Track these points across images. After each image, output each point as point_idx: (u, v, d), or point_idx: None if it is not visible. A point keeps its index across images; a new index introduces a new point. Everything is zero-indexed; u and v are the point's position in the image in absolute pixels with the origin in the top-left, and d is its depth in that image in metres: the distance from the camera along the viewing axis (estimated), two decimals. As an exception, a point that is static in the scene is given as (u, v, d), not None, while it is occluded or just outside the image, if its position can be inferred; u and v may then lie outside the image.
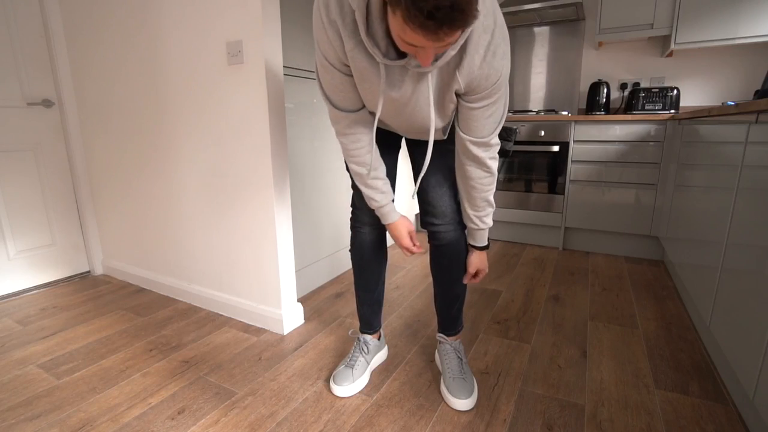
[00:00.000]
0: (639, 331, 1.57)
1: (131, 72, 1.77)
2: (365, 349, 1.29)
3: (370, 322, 1.31)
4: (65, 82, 2.03)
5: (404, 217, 1.15)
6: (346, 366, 1.25)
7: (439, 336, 1.29)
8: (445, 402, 1.17)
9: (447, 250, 1.19)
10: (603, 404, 1.16)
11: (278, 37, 1.41)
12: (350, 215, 1.25)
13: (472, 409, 1.14)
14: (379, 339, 1.35)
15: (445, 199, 1.15)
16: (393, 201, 1.12)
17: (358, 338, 1.31)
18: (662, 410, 1.13)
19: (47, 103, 1.99)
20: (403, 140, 1.24)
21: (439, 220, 1.16)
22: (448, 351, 1.25)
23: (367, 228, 1.21)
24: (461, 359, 1.24)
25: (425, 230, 1.21)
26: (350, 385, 1.21)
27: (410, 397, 1.20)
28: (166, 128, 1.72)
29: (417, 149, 1.16)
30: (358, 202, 1.19)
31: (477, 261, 1.18)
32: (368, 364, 1.28)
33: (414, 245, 1.15)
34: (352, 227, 1.24)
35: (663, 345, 1.46)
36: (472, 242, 1.17)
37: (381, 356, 1.37)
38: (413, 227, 1.16)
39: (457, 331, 1.29)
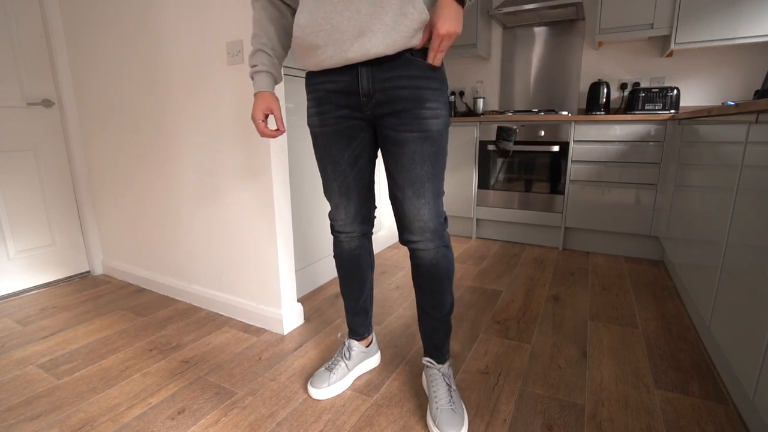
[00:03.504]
0: (639, 331, 1.57)
1: (131, 72, 1.77)
2: (347, 355, 1.25)
3: (355, 329, 1.28)
4: (65, 82, 2.03)
5: (271, 93, 1.03)
6: (325, 369, 1.23)
7: (425, 360, 1.16)
8: None
9: (427, 272, 1.05)
10: (603, 404, 1.16)
11: (278, 37, 1.41)
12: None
13: None
14: (368, 346, 1.31)
15: (423, 213, 0.99)
16: (270, 74, 1.03)
17: (344, 342, 1.29)
18: (662, 410, 1.13)
19: (47, 103, 1.99)
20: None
21: (417, 237, 1.02)
22: (435, 377, 1.12)
23: (343, 236, 1.15)
24: (450, 386, 1.11)
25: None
26: (326, 388, 1.18)
27: (410, 397, 1.20)
28: (166, 128, 1.72)
29: (389, 149, 1.00)
30: (333, 211, 1.14)
31: (443, 11, 0.85)
32: (349, 370, 1.24)
33: (268, 127, 1.03)
34: (332, 233, 1.18)
35: (663, 345, 1.46)
36: None
37: (370, 363, 1.32)
38: (277, 107, 1.04)
39: (444, 360, 1.16)
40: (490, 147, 2.72)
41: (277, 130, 1.04)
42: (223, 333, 1.57)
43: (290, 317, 1.59)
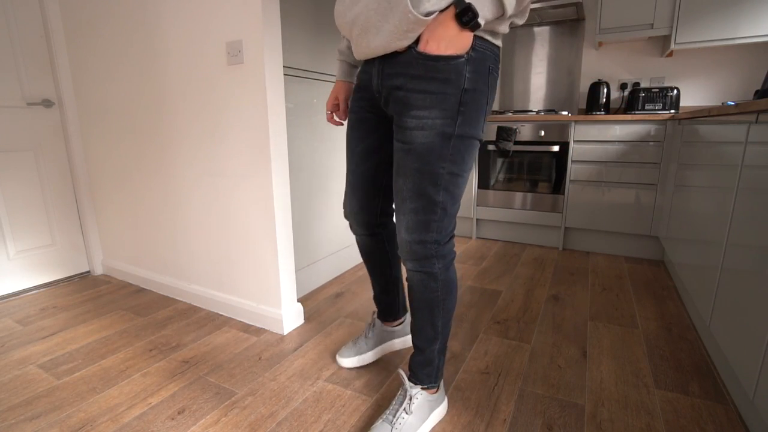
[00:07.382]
0: (639, 331, 1.57)
1: (131, 72, 1.77)
2: (368, 333, 1.35)
3: (382, 311, 1.36)
4: (65, 82, 2.03)
5: (343, 82, 1.04)
6: (351, 342, 1.36)
7: (400, 369, 1.07)
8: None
9: (411, 293, 0.96)
10: (603, 404, 1.16)
11: (278, 37, 1.41)
12: None
13: None
14: (395, 326, 1.38)
15: (401, 229, 0.88)
16: (345, 62, 1.05)
17: (373, 321, 1.38)
18: (662, 410, 1.13)
19: (47, 103, 1.99)
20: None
21: (399, 250, 0.93)
22: (401, 389, 1.03)
23: (358, 237, 1.23)
24: (404, 409, 0.98)
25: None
26: (351, 357, 1.31)
27: (410, 397, 1.19)
28: (166, 128, 1.72)
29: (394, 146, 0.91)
30: (344, 197, 1.19)
31: (432, 28, 0.74)
32: (368, 347, 1.34)
33: (335, 115, 1.07)
34: None
35: (663, 345, 1.46)
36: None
37: (399, 343, 1.40)
38: (344, 97, 1.05)
39: (415, 381, 1.02)
40: (490, 147, 2.72)
41: (337, 121, 1.10)
42: (223, 333, 1.57)
43: (290, 317, 1.59)
